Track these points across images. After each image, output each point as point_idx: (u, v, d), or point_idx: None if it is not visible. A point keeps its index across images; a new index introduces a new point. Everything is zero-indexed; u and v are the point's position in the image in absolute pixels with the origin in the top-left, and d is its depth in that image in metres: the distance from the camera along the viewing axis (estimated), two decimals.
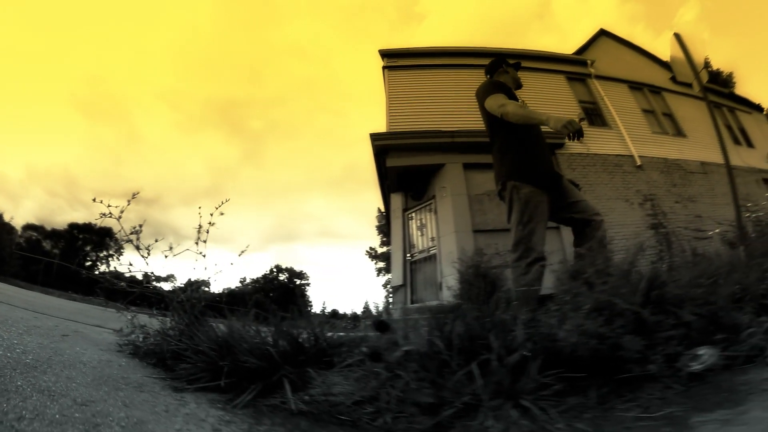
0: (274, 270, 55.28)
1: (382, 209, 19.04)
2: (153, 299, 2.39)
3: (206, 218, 2.34)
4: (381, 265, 29.55)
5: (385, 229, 23.87)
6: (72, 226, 45.99)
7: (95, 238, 45.18)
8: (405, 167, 8.55)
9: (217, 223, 2.38)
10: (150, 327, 2.07)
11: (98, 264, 46.08)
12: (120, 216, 2.23)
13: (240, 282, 50.43)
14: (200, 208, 2.33)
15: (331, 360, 1.55)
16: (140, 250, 2.24)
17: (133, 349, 2.01)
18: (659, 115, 11.88)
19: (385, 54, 10.75)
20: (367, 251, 31.97)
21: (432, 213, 8.59)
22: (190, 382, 1.47)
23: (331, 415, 1.21)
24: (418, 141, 8.65)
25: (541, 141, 2.62)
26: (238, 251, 2.52)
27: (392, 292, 8.54)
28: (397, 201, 9.29)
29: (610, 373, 1.30)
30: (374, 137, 8.54)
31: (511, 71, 2.93)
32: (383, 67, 10.66)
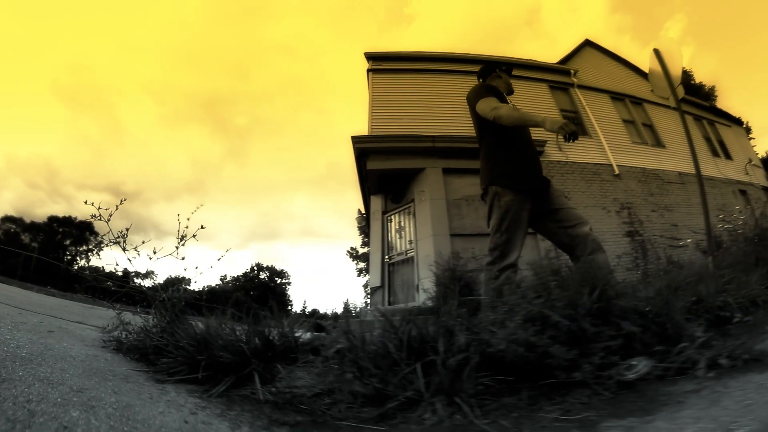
0: (255, 268, 55.11)
1: (363, 211, 19.18)
2: (136, 297, 2.53)
3: (185, 221, 2.45)
4: (362, 265, 29.73)
5: (366, 230, 24.00)
6: (52, 219, 45.17)
7: (75, 232, 44.45)
8: (385, 170, 8.73)
9: (198, 221, 2.49)
10: (133, 324, 2.23)
11: (78, 259, 45.32)
12: (109, 219, 2.37)
13: (221, 280, 50.23)
14: (179, 215, 2.46)
15: (297, 356, 1.75)
16: (126, 251, 2.39)
17: (117, 344, 2.16)
18: (639, 125, 12.23)
19: (370, 57, 10.91)
20: (348, 251, 32.19)
21: (411, 216, 8.80)
22: (170, 374, 1.66)
23: (293, 405, 1.41)
24: (398, 145, 8.83)
25: (529, 147, 2.62)
26: (220, 248, 2.68)
27: (370, 293, 8.73)
28: (377, 203, 9.48)
29: (541, 377, 1.44)
30: (356, 140, 8.70)
31: (504, 76, 2.95)
32: (368, 70, 10.81)
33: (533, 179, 2.48)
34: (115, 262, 2.47)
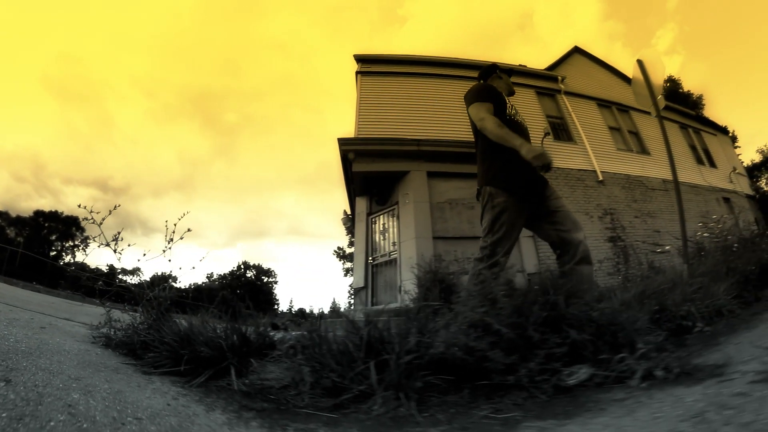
0: (242, 267, 55.04)
1: (349, 211, 19.35)
2: (125, 295, 2.70)
3: (172, 226, 2.62)
4: (349, 265, 29.95)
5: (352, 230, 24.13)
6: (38, 214, 44.66)
7: (61, 227, 43.97)
8: (371, 172, 8.94)
9: (186, 222, 2.64)
10: (122, 321, 2.41)
11: (63, 254, 44.86)
12: (101, 222, 2.55)
13: (207, 278, 50.07)
14: (166, 222, 2.62)
15: (270, 352, 1.96)
16: (118, 253, 2.57)
17: (106, 340, 2.34)
18: (625, 132, 12.49)
19: (359, 59, 11.09)
20: (335, 251, 32.41)
21: (395, 218, 9.02)
22: (156, 367, 1.86)
23: (262, 394, 1.62)
24: (384, 147, 9.04)
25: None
26: (207, 246, 2.86)
27: (354, 293, 8.92)
28: (362, 204, 9.67)
29: (481, 379, 1.58)
30: (342, 142, 8.89)
31: (504, 77, 3.01)
32: (356, 72, 10.98)
33: (528, 181, 2.50)
34: (101, 260, 2.63)
